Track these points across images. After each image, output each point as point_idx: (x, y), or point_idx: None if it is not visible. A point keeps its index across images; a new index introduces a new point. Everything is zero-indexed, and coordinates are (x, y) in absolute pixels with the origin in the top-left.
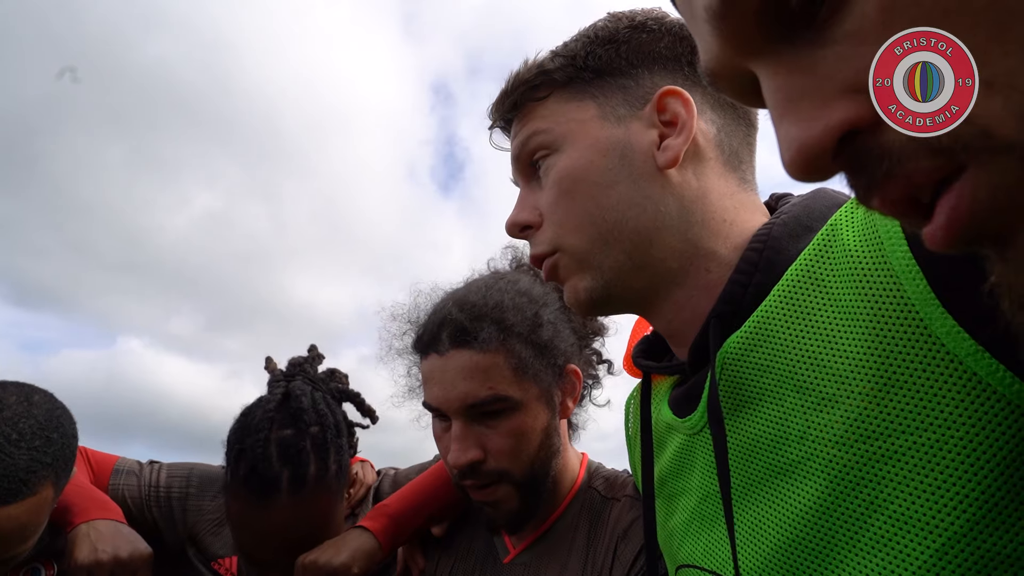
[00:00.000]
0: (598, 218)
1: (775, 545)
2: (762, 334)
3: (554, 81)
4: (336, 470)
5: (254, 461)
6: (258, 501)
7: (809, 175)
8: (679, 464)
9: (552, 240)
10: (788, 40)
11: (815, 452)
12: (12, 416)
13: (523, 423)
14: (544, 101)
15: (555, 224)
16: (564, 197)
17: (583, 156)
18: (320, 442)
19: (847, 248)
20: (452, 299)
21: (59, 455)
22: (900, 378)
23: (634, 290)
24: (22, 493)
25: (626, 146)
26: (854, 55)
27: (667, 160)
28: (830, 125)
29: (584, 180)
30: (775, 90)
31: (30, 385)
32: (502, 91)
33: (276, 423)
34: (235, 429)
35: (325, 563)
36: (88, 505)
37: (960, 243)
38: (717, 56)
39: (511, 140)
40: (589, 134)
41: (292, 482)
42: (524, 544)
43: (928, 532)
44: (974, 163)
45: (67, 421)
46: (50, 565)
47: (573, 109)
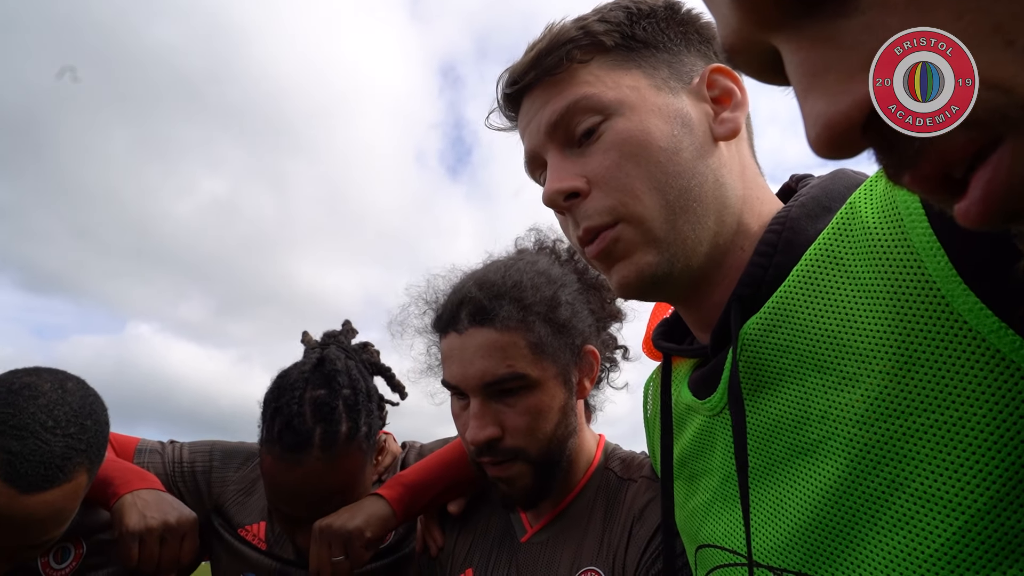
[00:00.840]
0: (665, 185)
1: (796, 525)
2: (782, 315)
3: (600, 44)
4: (366, 432)
5: (289, 418)
6: (292, 456)
7: (836, 152)
8: (699, 445)
9: (614, 208)
10: (810, 11)
11: (836, 431)
12: (47, 403)
13: (540, 401)
14: (587, 65)
15: (617, 190)
16: (629, 161)
17: (647, 120)
18: (352, 403)
19: (866, 227)
20: (472, 279)
21: (93, 441)
22: (921, 356)
23: (691, 271)
24: (58, 479)
25: (686, 115)
26: (881, 24)
27: (727, 131)
28: (858, 99)
29: (651, 144)
30: (798, 64)
31: (63, 372)
32: (538, 50)
33: (311, 383)
34: (271, 389)
35: (340, 526)
36: (129, 477)
37: (995, 219)
38: (737, 31)
39: (536, 108)
40: (648, 100)
41: (324, 438)
42: (541, 523)
43: (951, 510)
44: (1012, 134)
45: (99, 408)
46: (79, 544)
47: (622, 76)
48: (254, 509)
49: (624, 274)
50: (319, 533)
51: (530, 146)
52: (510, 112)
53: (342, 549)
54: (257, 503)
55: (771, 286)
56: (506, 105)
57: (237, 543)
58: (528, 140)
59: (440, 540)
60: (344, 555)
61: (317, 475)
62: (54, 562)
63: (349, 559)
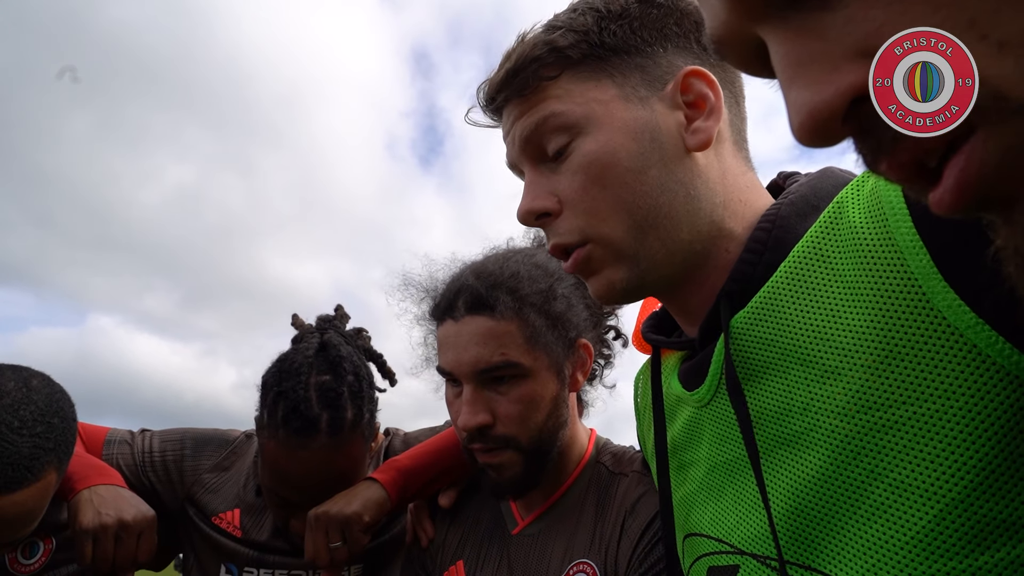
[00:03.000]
0: (632, 205)
1: (778, 514)
2: (769, 309)
3: (567, 59)
4: (368, 418)
5: (295, 402)
6: (298, 441)
7: (819, 140)
8: (688, 436)
9: (582, 229)
10: (796, 4)
11: (818, 423)
12: (12, 403)
13: (532, 391)
14: (556, 80)
15: (584, 212)
16: (594, 184)
17: (612, 139)
18: (356, 390)
19: (852, 224)
20: (470, 268)
21: (60, 440)
22: (902, 350)
23: (665, 278)
24: (26, 480)
25: (655, 128)
26: (864, 17)
27: (699, 143)
28: (840, 89)
29: (616, 165)
30: (784, 55)
31: (27, 368)
32: (506, 70)
33: (315, 368)
34: (273, 373)
35: (337, 513)
36: (88, 472)
37: (968, 206)
38: (724, 22)
39: (511, 121)
40: (615, 116)
41: (331, 424)
42: (533, 516)
43: (927, 499)
44: (984, 125)
45: (66, 404)
46: (48, 540)
47: (591, 88)
48: (228, 496)
49: (596, 288)
50: (315, 520)
51: (509, 157)
52: (494, 118)
53: (339, 535)
54: (231, 490)
55: (759, 282)
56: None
57: (212, 532)
58: (507, 150)
59: (431, 532)
60: (341, 541)
61: (322, 460)
62: (22, 557)
63: (347, 545)
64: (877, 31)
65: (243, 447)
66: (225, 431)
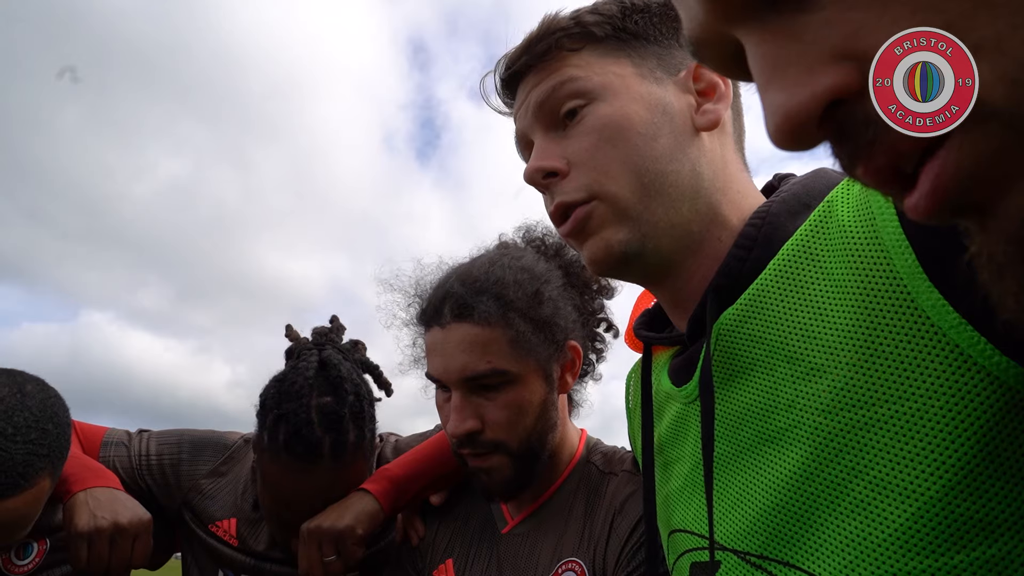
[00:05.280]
0: (641, 168)
1: (759, 509)
2: (756, 306)
3: (591, 34)
4: (370, 438)
5: (297, 426)
6: (301, 465)
7: (794, 143)
8: (675, 432)
9: (589, 187)
10: (773, 6)
11: (802, 420)
12: (6, 409)
13: (520, 396)
14: (578, 52)
15: (593, 170)
16: (607, 144)
17: (627, 106)
18: (357, 410)
19: (841, 224)
20: (456, 273)
21: (55, 445)
22: (886, 349)
23: (661, 253)
24: (20, 487)
25: (668, 104)
26: (841, 20)
27: (707, 122)
28: (816, 92)
29: (629, 129)
30: (761, 57)
31: (21, 373)
32: (531, 36)
33: (316, 390)
34: (272, 394)
35: (330, 527)
36: (85, 474)
37: (943, 212)
38: (702, 23)
39: (527, 90)
40: (630, 87)
41: (334, 448)
42: (522, 515)
43: (905, 497)
44: (959, 130)
45: (61, 409)
46: (42, 540)
47: (610, 63)
48: (225, 504)
49: (594, 250)
50: (308, 535)
51: (520, 127)
52: (508, 98)
53: (333, 549)
54: (227, 498)
55: (748, 278)
56: (504, 91)
57: (209, 539)
58: (519, 122)
59: (421, 531)
60: (336, 555)
61: (324, 484)
62: (16, 558)
63: (341, 558)
64: (855, 34)
65: (241, 452)
66: (223, 434)
